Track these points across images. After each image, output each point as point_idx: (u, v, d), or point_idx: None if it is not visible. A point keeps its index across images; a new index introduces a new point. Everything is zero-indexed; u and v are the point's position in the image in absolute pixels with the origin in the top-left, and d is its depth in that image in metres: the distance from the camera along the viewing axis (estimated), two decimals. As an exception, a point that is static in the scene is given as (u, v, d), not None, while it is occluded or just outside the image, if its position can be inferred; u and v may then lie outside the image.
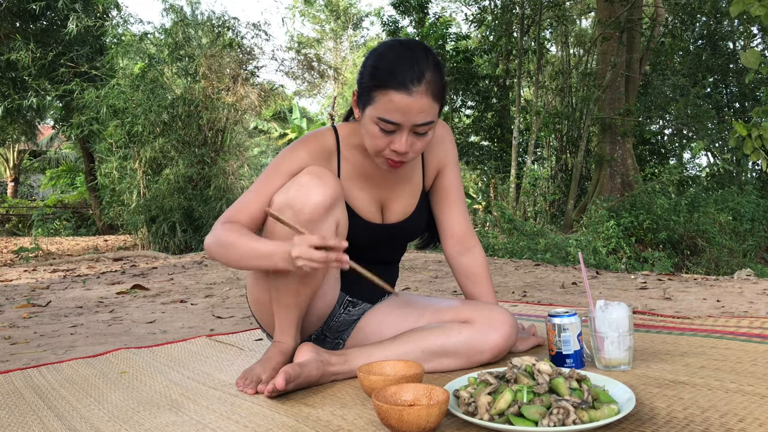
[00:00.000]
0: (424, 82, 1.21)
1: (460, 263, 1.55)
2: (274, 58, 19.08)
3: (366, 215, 1.42)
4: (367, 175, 1.43)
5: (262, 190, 1.33)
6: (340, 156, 1.41)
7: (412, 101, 1.20)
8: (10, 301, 3.48)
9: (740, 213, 9.56)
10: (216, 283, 4.10)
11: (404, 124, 1.23)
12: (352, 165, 1.42)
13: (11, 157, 19.57)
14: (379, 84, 1.22)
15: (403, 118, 1.22)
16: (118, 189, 9.04)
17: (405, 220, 1.48)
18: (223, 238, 1.27)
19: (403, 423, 0.97)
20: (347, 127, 1.43)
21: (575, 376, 1.05)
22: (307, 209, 1.24)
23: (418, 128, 1.24)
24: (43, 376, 1.61)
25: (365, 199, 1.43)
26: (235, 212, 1.33)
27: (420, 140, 1.27)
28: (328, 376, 1.33)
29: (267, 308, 1.43)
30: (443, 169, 1.52)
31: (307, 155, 1.36)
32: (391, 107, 1.21)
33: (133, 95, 8.68)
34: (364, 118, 1.29)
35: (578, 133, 11.93)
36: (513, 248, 6.89)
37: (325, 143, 1.40)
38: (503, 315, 1.38)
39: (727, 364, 1.34)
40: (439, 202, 1.54)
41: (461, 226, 1.54)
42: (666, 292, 3.01)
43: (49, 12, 10.22)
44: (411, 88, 1.20)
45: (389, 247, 1.53)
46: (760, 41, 13.44)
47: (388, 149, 1.27)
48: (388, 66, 1.22)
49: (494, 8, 12.03)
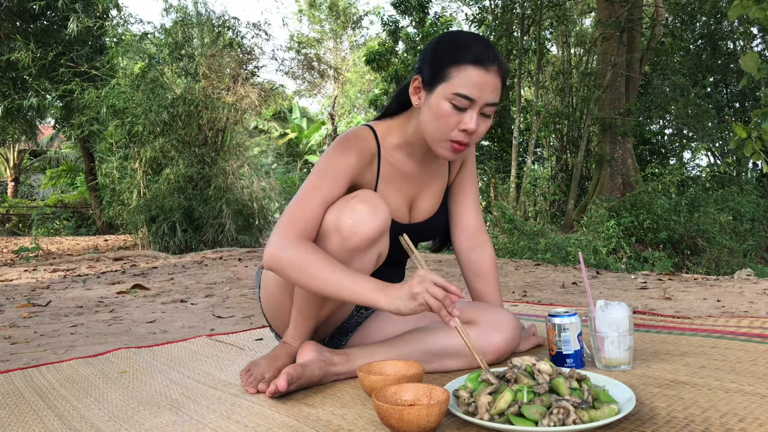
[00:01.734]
0: (496, 64, 1.24)
1: (469, 259, 1.55)
2: (274, 58, 19.11)
3: (396, 216, 1.41)
4: (404, 174, 1.42)
5: (315, 196, 1.27)
6: (381, 157, 1.39)
7: (488, 77, 1.23)
8: (11, 300, 3.48)
9: (740, 213, 9.56)
10: (216, 283, 4.10)
11: (478, 101, 1.24)
12: (390, 165, 1.40)
13: (11, 157, 19.57)
14: (456, 60, 1.23)
15: (479, 94, 1.23)
16: (118, 189, 9.04)
17: (429, 219, 1.49)
18: (303, 259, 1.20)
19: (403, 423, 0.97)
20: (383, 125, 1.41)
21: (575, 376, 1.05)
22: (356, 238, 1.22)
23: (487, 108, 1.26)
24: (43, 375, 1.61)
25: (399, 200, 1.42)
26: (298, 222, 1.25)
27: (485, 122, 1.28)
28: (331, 375, 1.33)
29: (284, 311, 1.43)
30: (465, 162, 1.54)
31: (356, 159, 1.32)
32: (468, 82, 1.22)
33: (133, 95, 8.68)
34: (431, 98, 1.26)
35: (578, 133, 11.93)
36: (513, 248, 6.89)
37: (368, 145, 1.36)
38: (507, 317, 1.38)
39: (727, 363, 1.34)
40: (455, 197, 1.55)
41: (474, 222, 1.56)
42: (666, 292, 3.01)
43: (49, 12, 10.22)
44: (488, 65, 1.23)
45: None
46: (759, 41, 13.43)
47: (456, 130, 1.26)
48: (465, 45, 1.25)
49: (494, 8, 12.02)
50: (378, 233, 1.25)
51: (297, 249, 1.21)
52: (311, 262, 1.20)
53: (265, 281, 1.46)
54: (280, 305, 1.42)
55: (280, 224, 1.27)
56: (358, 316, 1.50)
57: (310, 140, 20.47)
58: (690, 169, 14.72)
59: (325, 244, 1.25)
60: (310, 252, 1.21)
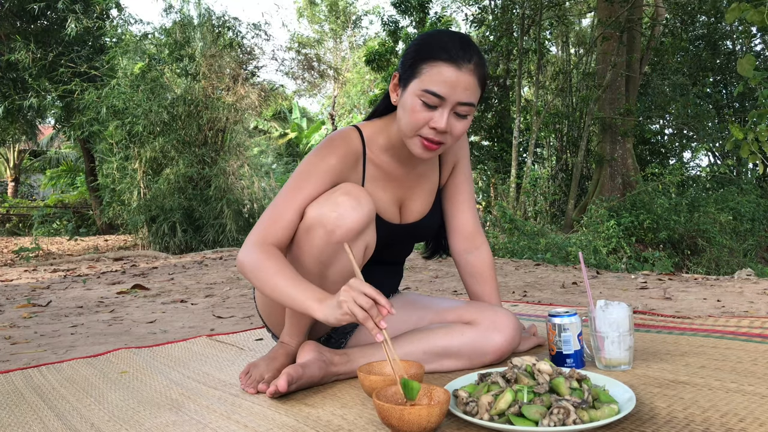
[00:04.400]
0: (473, 62, 1.22)
1: (466, 261, 1.55)
2: (274, 58, 19.10)
3: (386, 215, 1.40)
4: (390, 175, 1.40)
5: (294, 199, 1.27)
6: (366, 158, 1.37)
7: (461, 76, 1.20)
8: (11, 301, 3.48)
9: (740, 213, 9.55)
10: (216, 283, 4.10)
11: (449, 99, 1.21)
12: (376, 166, 1.39)
13: (11, 157, 19.57)
14: (429, 56, 1.22)
15: (449, 92, 1.21)
16: (118, 189, 9.05)
17: (421, 219, 1.47)
18: (257, 265, 1.21)
19: (403, 423, 0.97)
20: (370, 126, 1.40)
21: (575, 376, 1.05)
22: (340, 231, 1.21)
23: (461, 108, 1.23)
24: (43, 375, 1.61)
25: (387, 200, 1.41)
26: (270, 226, 1.27)
27: (459, 123, 1.25)
28: (331, 376, 1.33)
29: (279, 311, 1.42)
30: (458, 164, 1.52)
31: (337, 161, 1.31)
32: (438, 79, 1.20)
33: (133, 95, 8.68)
34: (404, 95, 1.26)
35: (578, 133, 11.92)
36: (513, 248, 6.88)
37: (352, 146, 1.35)
38: (507, 317, 1.38)
39: (727, 363, 1.34)
40: (450, 199, 1.54)
41: (470, 224, 1.54)
42: (666, 292, 3.01)
43: (49, 12, 10.23)
44: (460, 63, 1.20)
45: (402, 246, 1.52)
46: (759, 41, 13.43)
47: (426, 127, 1.24)
48: (440, 42, 1.23)
49: (494, 8, 12.02)
50: (362, 225, 1.23)
51: (258, 255, 1.22)
52: (266, 269, 1.20)
53: None
54: (275, 306, 1.42)
55: (254, 228, 1.28)
56: None
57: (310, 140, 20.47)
58: (690, 169, 14.72)
59: (310, 239, 1.24)
60: (268, 258, 1.21)
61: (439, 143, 1.26)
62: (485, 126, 12.90)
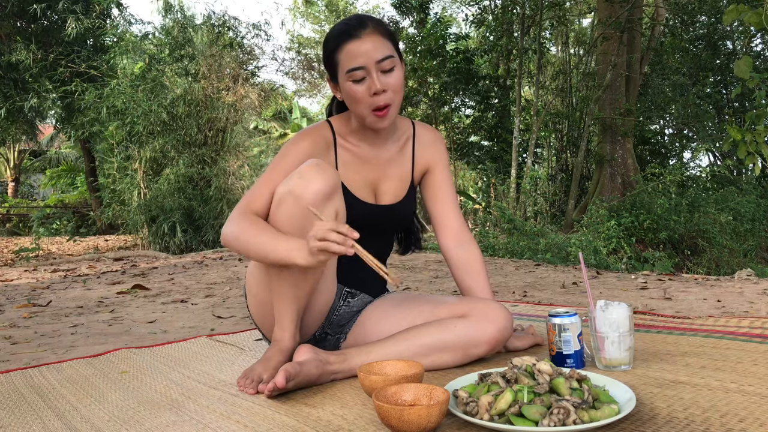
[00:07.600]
0: (368, 27, 1.36)
1: (457, 255, 1.58)
2: (274, 58, 19.11)
3: (361, 195, 1.50)
4: (362, 158, 1.52)
5: (271, 179, 1.39)
6: (337, 145, 1.50)
7: (364, 42, 1.35)
8: (11, 300, 3.48)
9: (740, 213, 9.54)
10: (216, 283, 4.10)
11: (368, 65, 1.34)
12: (346, 151, 1.51)
13: (12, 157, 19.57)
14: (335, 45, 1.38)
15: (365, 59, 1.34)
16: (118, 189, 9.05)
17: (396, 203, 1.55)
18: (240, 230, 1.32)
19: (403, 423, 0.97)
20: (338, 119, 1.54)
21: (576, 376, 1.05)
22: (309, 195, 1.27)
23: (382, 64, 1.35)
24: (43, 375, 1.61)
25: (360, 180, 1.51)
26: (250, 202, 1.38)
27: (390, 77, 1.37)
28: (328, 375, 1.34)
29: (267, 308, 1.45)
30: (433, 168, 1.60)
31: (308, 144, 1.44)
32: (350, 56, 1.35)
33: (133, 95, 8.68)
34: (341, 88, 1.40)
35: (578, 133, 11.92)
36: (513, 248, 6.88)
37: (323, 134, 1.49)
38: (498, 308, 1.40)
39: (727, 364, 1.34)
40: (432, 198, 1.61)
41: (456, 220, 1.60)
42: (666, 292, 3.01)
43: (50, 12, 10.23)
44: (358, 32, 1.35)
45: (381, 232, 1.57)
46: (759, 42, 13.43)
47: (369, 99, 1.36)
48: (336, 30, 1.39)
49: (494, 8, 12.02)
50: (329, 187, 1.29)
51: (239, 222, 1.33)
52: (248, 230, 1.31)
53: (248, 285, 1.50)
54: (265, 304, 1.45)
55: (235, 207, 1.40)
56: (346, 306, 1.53)
57: (310, 140, 20.41)
58: (690, 170, 14.70)
59: (283, 209, 1.31)
60: (250, 224, 1.32)
61: (386, 105, 1.37)
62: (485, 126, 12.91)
